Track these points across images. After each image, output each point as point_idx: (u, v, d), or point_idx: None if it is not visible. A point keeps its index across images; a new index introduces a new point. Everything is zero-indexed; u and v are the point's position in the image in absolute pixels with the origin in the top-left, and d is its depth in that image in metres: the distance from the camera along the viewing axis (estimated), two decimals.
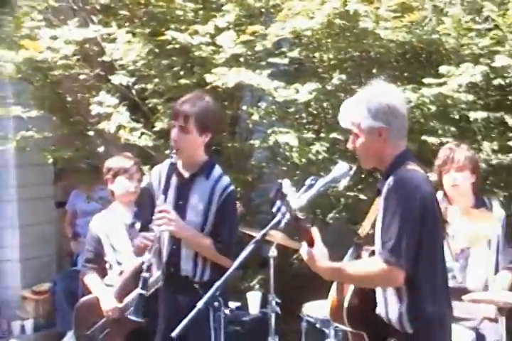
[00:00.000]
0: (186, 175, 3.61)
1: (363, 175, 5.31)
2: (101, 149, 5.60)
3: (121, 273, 4.19)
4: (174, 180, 3.56)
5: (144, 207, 3.69)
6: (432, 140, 5.09)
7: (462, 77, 5.13)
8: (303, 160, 5.14)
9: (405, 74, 5.61)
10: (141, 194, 4.02)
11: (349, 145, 2.84)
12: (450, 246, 3.94)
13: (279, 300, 4.46)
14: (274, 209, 2.55)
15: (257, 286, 5.92)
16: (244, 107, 5.59)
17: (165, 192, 3.49)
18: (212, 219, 3.51)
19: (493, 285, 4.04)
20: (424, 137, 5.15)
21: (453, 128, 5.28)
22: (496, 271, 4.13)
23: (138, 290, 3.47)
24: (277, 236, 4.16)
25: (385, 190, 2.70)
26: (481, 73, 5.18)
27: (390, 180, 2.70)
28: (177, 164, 3.52)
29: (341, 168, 2.78)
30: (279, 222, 2.60)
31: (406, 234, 2.58)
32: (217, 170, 3.61)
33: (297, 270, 5.55)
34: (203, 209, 3.51)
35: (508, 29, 5.24)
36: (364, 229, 2.94)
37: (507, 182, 5.44)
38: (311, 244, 2.70)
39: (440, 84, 5.17)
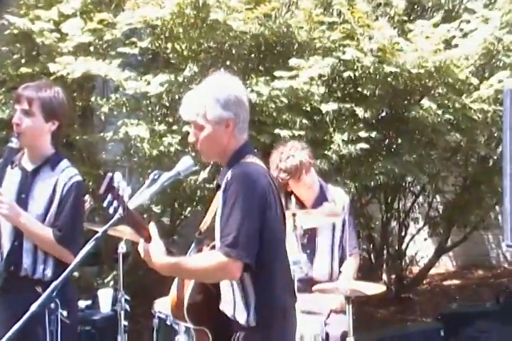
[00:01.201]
0: (30, 168, 3.49)
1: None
2: None
3: None
4: (17, 173, 3.44)
5: None
6: (284, 133, 5.21)
7: (312, 69, 5.26)
8: (154, 152, 5.11)
9: (259, 67, 5.70)
10: None
11: (190, 139, 2.82)
12: (297, 238, 4.00)
13: (128, 298, 4.39)
14: (104, 204, 2.48)
15: (111, 283, 5.91)
16: (93, 98, 5.54)
17: (0, 180, 3.35)
18: (54, 210, 3.41)
19: (340, 274, 4.19)
20: (277, 130, 5.29)
21: (305, 121, 5.42)
22: (342, 259, 4.27)
23: None
24: (126, 232, 4.07)
25: (223, 183, 2.70)
26: (330, 66, 5.34)
27: (229, 173, 2.71)
28: (18, 151, 3.41)
29: (185, 161, 2.77)
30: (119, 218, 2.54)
31: (246, 226, 2.59)
32: (65, 162, 3.52)
33: None
34: (46, 201, 3.41)
35: (356, 23, 5.44)
36: (205, 223, 2.93)
37: (357, 173, 5.67)
38: (147, 239, 2.66)
39: (292, 77, 5.29)
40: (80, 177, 3.50)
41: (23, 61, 5.49)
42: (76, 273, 6.32)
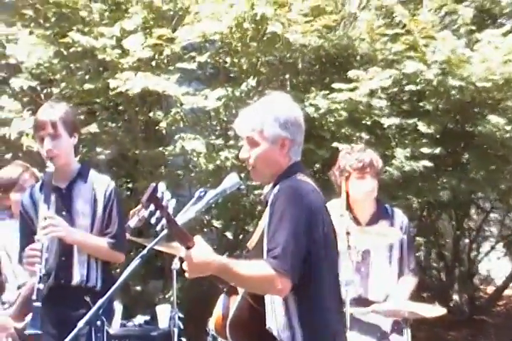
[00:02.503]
0: (63, 185, 3.60)
1: None
2: (8, 156, 5.53)
3: (19, 287, 4.10)
4: (51, 195, 3.54)
5: (24, 235, 3.61)
6: (343, 146, 5.09)
7: (372, 81, 5.24)
8: (210, 166, 5.19)
9: (319, 79, 5.75)
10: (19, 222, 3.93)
11: (242, 155, 2.78)
12: (351, 257, 3.89)
13: (181, 315, 4.44)
14: (146, 214, 2.47)
15: (172, 299, 6.00)
16: (151, 114, 5.64)
17: (47, 200, 3.47)
18: (100, 218, 3.53)
19: (395, 295, 4.05)
20: (335, 144, 5.27)
21: (365, 135, 5.40)
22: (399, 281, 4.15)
23: (33, 302, 3.39)
24: (179, 248, 4.13)
25: (271, 197, 2.67)
26: (391, 78, 5.30)
27: (277, 187, 2.69)
28: (53, 175, 3.52)
29: (232, 178, 2.74)
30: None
31: (293, 240, 2.55)
32: (93, 172, 3.63)
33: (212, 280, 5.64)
34: (90, 212, 3.52)
35: (419, 34, 5.39)
36: (252, 241, 2.90)
37: (419, 189, 5.59)
38: (190, 248, 2.64)
39: (351, 90, 5.28)
40: (113, 183, 3.62)
41: (87, 77, 5.68)
42: (139, 287, 6.53)
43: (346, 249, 3.84)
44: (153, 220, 2.46)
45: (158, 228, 2.47)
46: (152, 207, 2.45)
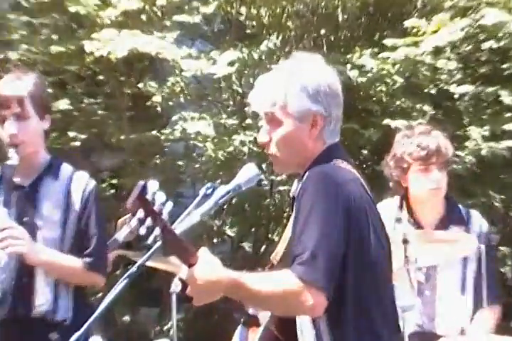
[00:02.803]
0: (26, 183, 3.58)
1: None
2: None
3: None
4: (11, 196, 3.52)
5: None
6: (399, 124, 5.15)
7: (437, 35, 5.19)
8: (220, 154, 5.22)
9: (364, 35, 5.72)
10: None
11: (261, 138, 2.75)
12: (410, 275, 3.84)
13: None
14: (133, 223, 2.47)
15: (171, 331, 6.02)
16: (141, 85, 5.67)
17: (7, 203, 3.47)
18: (73, 229, 3.49)
19: (472, 329, 3.97)
20: (387, 121, 5.23)
21: (428, 108, 5.36)
22: (476, 307, 4.07)
23: None
24: (179, 265, 4.12)
25: (298, 189, 2.68)
26: (463, 31, 5.25)
27: (305, 176, 2.67)
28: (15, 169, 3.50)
29: (248, 171, 2.72)
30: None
31: (326, 241, 2.55)
32: (66, 166, 3.60)
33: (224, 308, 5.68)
34: (60, 219, 3.49)
35: None
36: (277, 253, 2.89)
37: (502, 181, 5.57)
38: (192, 265, 2.64)
39: (409, 46, 5.23)
40: (94, 182, 3.58)
41: (55, 37, 5.68)
42: (127, 317, 6.57)
43: (403, 262, 3.80)
44: (142, 231, 2.48)
45: (149, 241, 2.50)
46: (141, 212, 2.47)
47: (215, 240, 6.13)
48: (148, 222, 2.46)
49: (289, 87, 2.71)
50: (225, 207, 5.95)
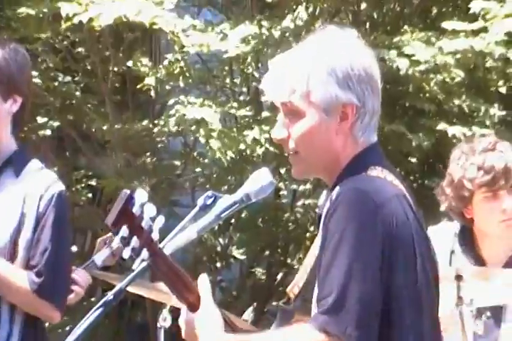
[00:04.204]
0: None
1: None
2: None
3: None
4: None
5: None
6: (456, 131, 5.20)
7: (510, 19, 5.17)
8: (229, 154, 5.26)
9: (416, 13, 5.77)
10: None
11: (278, 134, 2.77)
12: (464, 322, 3.85)
13: None
14: (115, 243, 2.54)
15: None
16: (130, 63, 5.67)
17: None
18: (26, 240, 3.54)
19: None
20: (443, 126, 5.24)
21: (496, 110, 5.37)
22: None
23: None
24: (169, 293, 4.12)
25: (325, 208, 2.69)
26: None
27: (336, 191, 2.69)
28: None
29: (261, 177, 2.75)
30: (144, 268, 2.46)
31: (358, 282, 2.57)
32: (35, 163, 3.65)
33: None
34: (13, 225, 3.53)
35: None
36: (296, 284, 2.92)
37: None
38: (193, 306, 2.69)
39: (474, 33, 5.25)
40: (61, 186, 3.62)
41: None
42: None
43: (455, 304, 3.84)
44: (126, 254, 2.52)
45: (135, 265, 2.53)
46: (125, 230, 2.52)
47: (218, 264, 6.12)
48: (135, 242, 2.48)
49: (314, 69, 2.71)
50: (232, 221, 5.91)
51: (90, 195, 6.39)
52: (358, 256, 2.59)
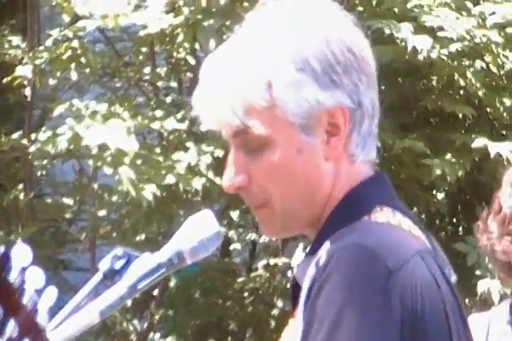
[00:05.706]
0: None
1: None
2: None
3: None
4: None
5: None
6: (504, 150, 5.44)
7: None
8: (151, 190, 5.20)
9: None
10: None
11: (230, 181, 2.63)
12: None
13: None
14: None
15: None
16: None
17: None
18: None
19: None
20: (483, 142, 5.18)
21: None
22: None
23: None
24: None
25: (309, 277, 2.60)
26: None
27: (324, 251, 2.60)
28: None
29: (200, 225, 2.71)
30: None
31: None
32: None
33: None
34: None
35: None
36: None
37: None
38: None
39: None
40: None
41: None
42: None
43: None
44: None
45: None
46: None
47: None
48: (11, 328, 2.22)
49: (273, 66, 2.65)
50: (154, 293, 5.87)
51: None
52: None
